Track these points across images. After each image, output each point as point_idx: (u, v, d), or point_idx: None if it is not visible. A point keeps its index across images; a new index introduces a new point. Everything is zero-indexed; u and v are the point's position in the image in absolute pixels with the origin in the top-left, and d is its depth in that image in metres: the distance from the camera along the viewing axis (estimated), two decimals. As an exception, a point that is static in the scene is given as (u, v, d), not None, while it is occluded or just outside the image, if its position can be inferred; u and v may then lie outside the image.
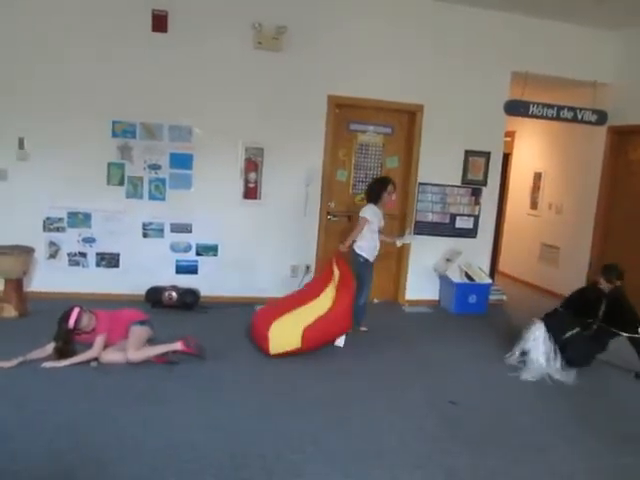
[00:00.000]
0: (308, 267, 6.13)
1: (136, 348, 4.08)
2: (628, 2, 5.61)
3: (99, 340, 4.03)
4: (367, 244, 5.16)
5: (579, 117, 6.74)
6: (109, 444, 3.02)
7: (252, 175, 5.88)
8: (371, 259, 5.22)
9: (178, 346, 4.18)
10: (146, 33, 5.40)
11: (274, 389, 3.91)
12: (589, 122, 6.79)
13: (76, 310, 3.96)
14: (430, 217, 6.40)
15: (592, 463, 3.24)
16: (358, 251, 5.16)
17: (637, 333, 4.65)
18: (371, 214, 5.12)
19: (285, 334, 4.43)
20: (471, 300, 6.28)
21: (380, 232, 5.26)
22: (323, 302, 4.71)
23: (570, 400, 4.13)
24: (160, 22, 5.41)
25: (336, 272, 4.91)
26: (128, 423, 3.27)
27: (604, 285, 4.82)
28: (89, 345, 4.04)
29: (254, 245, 5.96)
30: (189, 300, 5.56)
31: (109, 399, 3.56)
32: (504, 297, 6.92)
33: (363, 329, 5.35)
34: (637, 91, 6.46)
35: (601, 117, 6.79)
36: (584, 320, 4.80)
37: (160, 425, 3.27)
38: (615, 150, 6.83)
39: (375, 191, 5.21)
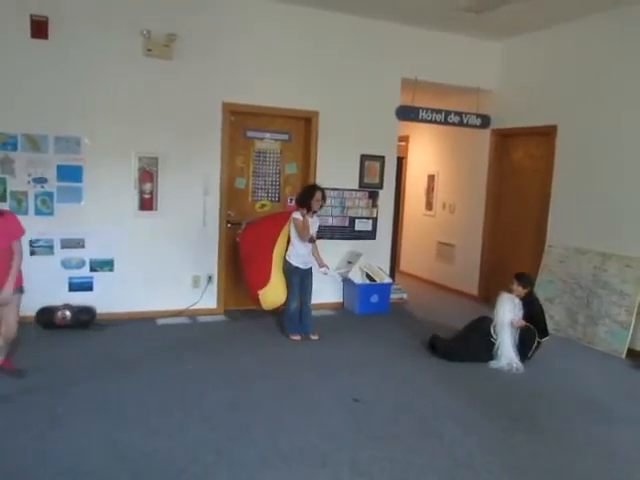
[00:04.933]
0: (210, 277, 6.04)
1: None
2: (506, 16, 6.02)
3: None
4: (294, 250, 5.26)
5: (465, 121, 7.16)
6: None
7: (147, 186, 5.72)
8: (301, 266, 5.27)
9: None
10: (25, 39, 5.10)
11: (175, 402, 3.80)
12: (474, 126, 7.23)
13: None
14: (330, 221, 6.50)
15: (487, 444, 3.42)
16: (286, 257, 5.29)
17: (542, 338, 4.98)
18: (297, 216, 5.22)
19: (272, 297, 5.46)
20: (373, 300, 6.44)
21: (313, 241, 5.31)
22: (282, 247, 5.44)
23: (465, 387, 4.34)
24: (40, 28, 5.12)
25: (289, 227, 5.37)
26: (17, 453, 3.05)
27: (519, 292, 5.03)
28: None
29: (153, 257, 5.78)
30: (84, 319, 5.29)
31: (-6, 428, 3.31)
32: (405, 295, 7.16)
33: (314, 337, 5.37)
34: (515, 96, 6.94)
35: (485, 121, 7.24)
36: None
37: (54, 453, 3.07)
38: (499, 152, 7.29)
39: (302, 199, 5.27)
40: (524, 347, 4.91)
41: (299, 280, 5.32)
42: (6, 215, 3.78)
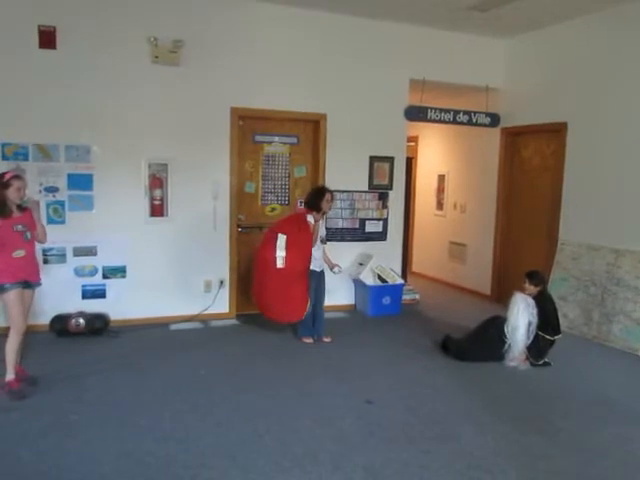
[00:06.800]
0: (222, 281, 6.05)
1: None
2: (513, 13, 5.99)
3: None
4: None
5: (474, 120, 7.12)
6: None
7: (157, 192, 5.75)
8: (316, 269, 5.28)
9: (11, 377, 3.92)
10: (33, 50, 5.16)
11: (188, 407, 3.81)
12: (483, 125, 7.18)
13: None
14: (340, 223, 6.50)
15: (501, 446, 3.39)
16: None
17: (555, 336, 4.91)
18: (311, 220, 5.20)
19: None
20: (385, 302, 6.42)
21: (323, 242, 5.32)
22: None
23: (479, 388, 4.32)
24: (48, 38, 5.19)
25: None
26: (33, 461, 3.07)
27: (531, 290, 4.97)
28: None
29: (164, 263, 5.81)
30: (98, 325, 5.33)
31: (11, 437, 3.33)
32: (417, 296, 7.13)
33: (327, 340, 5.40)
34: (524, 94, 6.90)
35: (494, 120, 7.19)
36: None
37: (70, 459, 3.10)
38: (509, 150, 7.23)
39: (312, 201, 5.26)
40: (537, 352, 4.88)
41: (314, 283, 5.31)
42: (27, 209, 4.11)
